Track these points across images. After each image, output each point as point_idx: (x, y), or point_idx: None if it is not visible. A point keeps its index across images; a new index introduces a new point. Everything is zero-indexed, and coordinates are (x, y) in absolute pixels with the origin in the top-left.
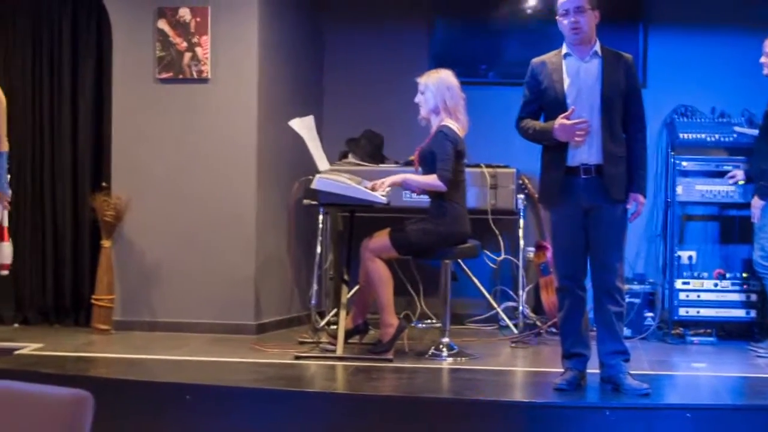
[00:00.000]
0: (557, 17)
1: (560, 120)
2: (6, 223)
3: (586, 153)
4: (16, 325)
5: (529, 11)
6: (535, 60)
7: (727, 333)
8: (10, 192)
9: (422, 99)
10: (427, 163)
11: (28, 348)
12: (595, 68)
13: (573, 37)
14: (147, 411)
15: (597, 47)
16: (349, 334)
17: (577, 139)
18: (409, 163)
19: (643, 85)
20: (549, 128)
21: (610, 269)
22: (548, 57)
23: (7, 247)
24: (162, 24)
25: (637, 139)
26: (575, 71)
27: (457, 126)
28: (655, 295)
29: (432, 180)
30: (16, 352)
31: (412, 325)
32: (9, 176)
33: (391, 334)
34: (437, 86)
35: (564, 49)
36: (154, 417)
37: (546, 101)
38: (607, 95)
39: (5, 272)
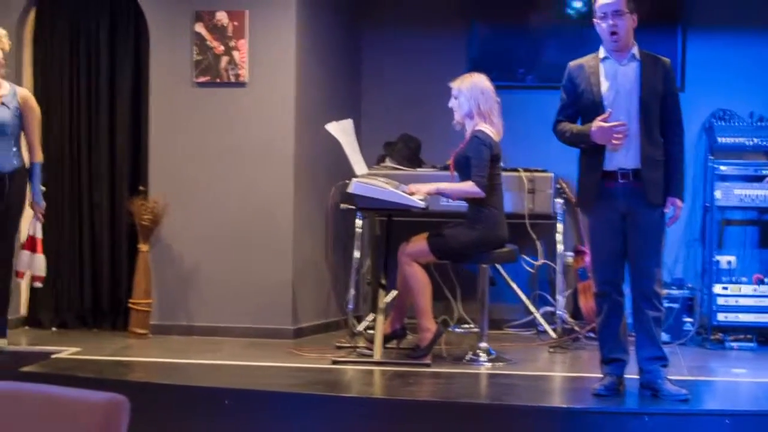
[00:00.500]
0: (595, 20)
1: (597, 123)
2: (40, 235)
3: (623, 157)
4: (53, 329)
5: (567, 14)
6: (573, 63)
7: (767, 338)
8: (44, 204)
9: (456, 104)
10: (463, 169)
11: (66, 352)
12: (633, 72)
13: (611, 40)
14: (184, 415)
15: (635, 50)
16: (386, 339)
17: (614, 142)
18: (446, 168)
19: (681, 88)
20: (586, 131)
21: (648, 274)
22: (586, 60)
23: (41, 259)
24: (199, 28)
25: (675, 143)
26: (613, 75)
27: (491, 130)
28: (694, 300)
29: (468, 187)
30: (54, 356)
31: (450, 329)
32: (44, 188)
33: (429, 339)
34: (471, 90)
35: (601, 53)
36: (191, 421)
37: (583, 105)
38: (645, 99)
39: (39, 284)
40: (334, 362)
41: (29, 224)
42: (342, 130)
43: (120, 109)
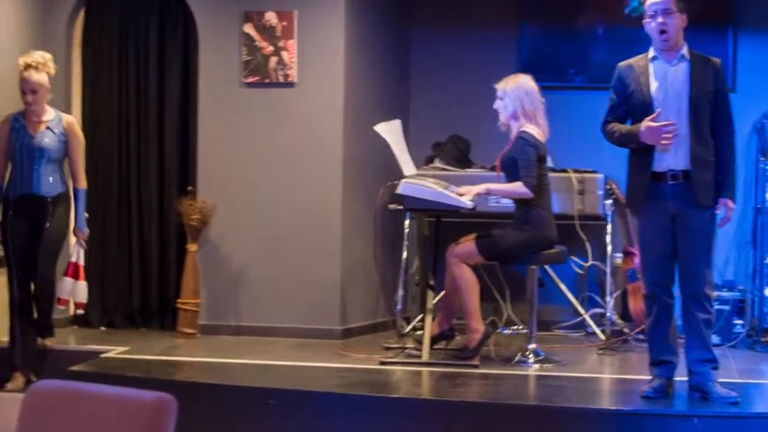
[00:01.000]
0: (644, 20)
1: (647, 122)
2: (83, 262)
3: (673, 158)
4: (102, 328)
5: (616, 15)
6: (622, 63)
7: None
8: (87, 231)
9: (501, 105)
10: (509, 170)
11: (114, 351)
12: (683, 72)
13: (660, 39)
14: (231, 415)
15: (684, 51)
16: (434, 340)
17: (663, 142)
18: (495, 168)
19: (732, 89)
20: (635, 131)
21: (698, 276)
22: (635, 60)
23: (84, 286)
24: (248, 28)
25: (726, 144)
26: (663, 75)
27: (537, 131)
28: (745, 302)
29: (517, 187)
30: (103, 356)
31: (499, 331)
32: (87, 215)
33: (477, 340)
34: (515, 91)
35: (651, 53)
36: (238, 421)
37: (632, 105)
38: (695, 99)
39: (81, 311)
40: (382, 363)
41: (72, 251)
42: (390, 131)
43: (169, 110)
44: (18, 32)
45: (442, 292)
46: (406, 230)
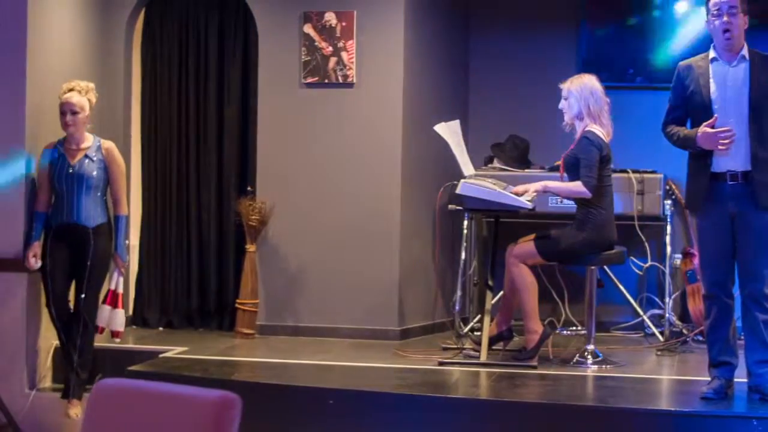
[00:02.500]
0: (708, 18)
1: (703, 128)
2: (121, 290)
3: (733, 159)
4: (161, 328)
5: (677, 15)
6: (682, 63)
7: None
8: (128, 258)
9: (566, 105)
10: (573, 170)
11: (173, 351)
12: (743, 72)
13: (724, 38)
14: (290, 415)
15: (745, 51)
16: (493, 341)
17: (720, 147)
18: (555, 168)
19: None
20: (692, 136)
21: (758, 277)
22: (695, 60)
23: (121, 314)
24: (308, 29)
25: None
26: (723, 76)
27: (601, 131)
28: None
29: (576, 187)
30: (162, 355)
31: (557, 331)
32: (128, 241)
33: (536, 341)
34: (580, 91)
35: (712, 53)
36: (297, 421)
37: (692, 106)
38: (754, 99)
39: (118, 340)
40: (441, 363)
41: (111, 278)
42: (450, 131)
43: (228, 110)
44: (78, 32)
45: (501, 293)
46: (465, 231)
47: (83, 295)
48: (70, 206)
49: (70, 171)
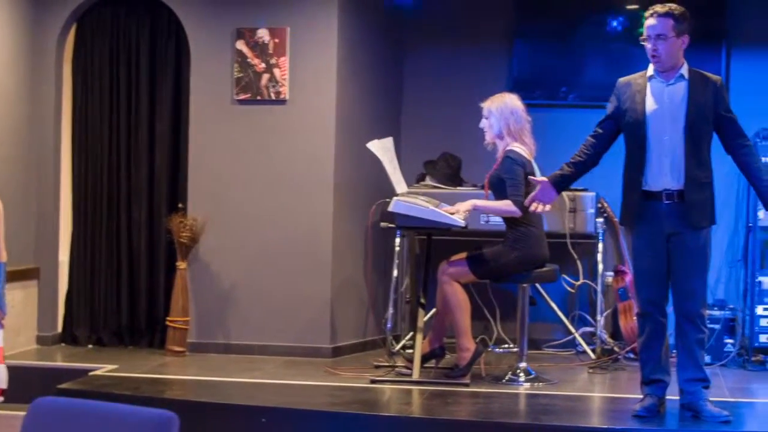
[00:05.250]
0: (641, 39)
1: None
2: (2, 343)
3: (669, 178)
4: (90, 345)
5: (610, 33)
6: (622, 80)
7: None
8: (6, 310)
9: (487, 124)
10: (497, 189)
11: (103, 369)
12: (681, 91)
13: (653, 62)
14: None
15: (684, 70)
16: (425, 358)
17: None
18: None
19: None
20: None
21: (692, 296)
22: (634, 77)
23: (3, 370)
24: (240, 45)
25: (746, 154)
26: (659, 94)
27: (523, 149)
28: (736, 321)
29: (506, 206)
30: (91, 373)
31: (489, 349)
32: (5, 290)
33: (468, 359)
34: (501, 111)
35: (650, 71)
36: None
37: (626, 122)
38: (691, 119)
39: (1, 398)
40: (373, 381)
41: None
42: (383, 148)
43: (159, 127)
44: (8, 47)
45: (433, 311)
46: (397, 248)
47: None
48: None
49: None
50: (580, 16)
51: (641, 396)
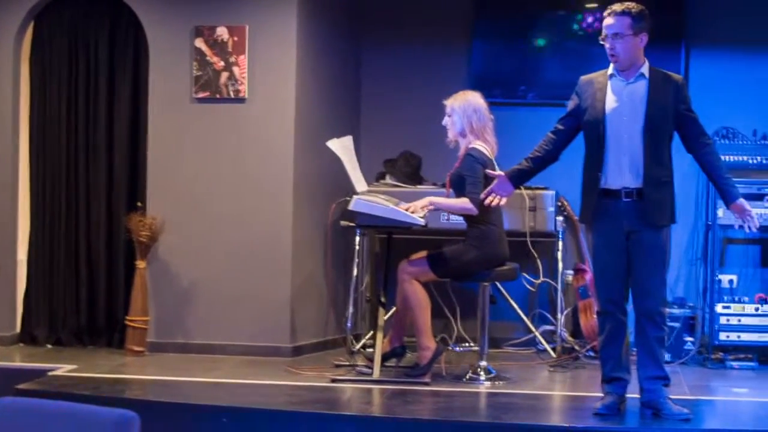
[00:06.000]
0: (600, 38)
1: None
2: None
3: (628, 176)
4: (49, 345)
5: (569, 32)
6: (584, 78)
7: None
8: None
9: (449, 121)
10: (459, 187)
11: (62, 369)
12: (641, 90)
13: (611, 61)
14: None
15: (644, 68)
16: (385, 357)
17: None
18: (445, 185)
19: None
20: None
21: (652, 294)
22: (596, 76)
23: None
24: (199, 43)
25: (708, 152)
26: (619, 92)
27: (486, 147)
28: (695, 319)
29: (462, 203)
30: (50, 373)
31: (450, 348)
32: None
33: (429, 358)
34: (464, 108)
35: (610, 69)
36: None
37: (585, 120)
38: (651, 118)
39: None
40: (333, 381)
41: None
42: (342, 147)
43: (118, 125)
44: None
45: (393, 309)
46: (357, 247)
47: None
48: None
49: None
50: (539, 14)
51: (602, 394)
